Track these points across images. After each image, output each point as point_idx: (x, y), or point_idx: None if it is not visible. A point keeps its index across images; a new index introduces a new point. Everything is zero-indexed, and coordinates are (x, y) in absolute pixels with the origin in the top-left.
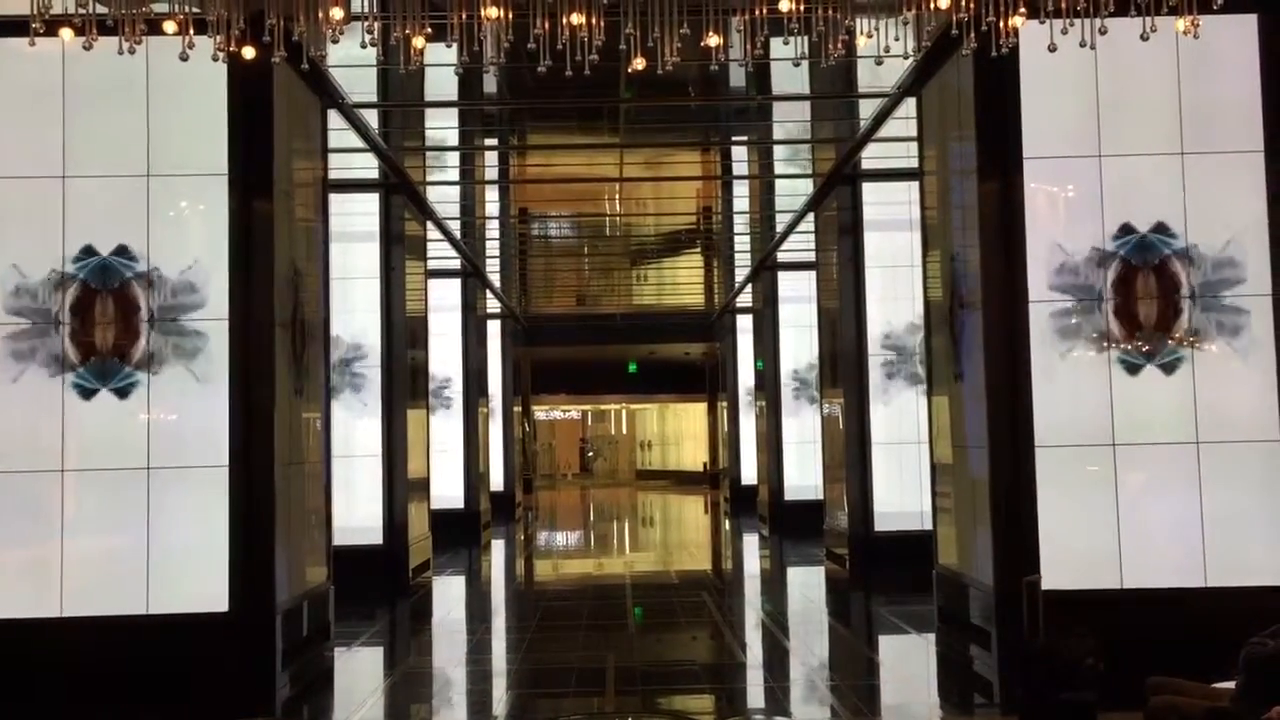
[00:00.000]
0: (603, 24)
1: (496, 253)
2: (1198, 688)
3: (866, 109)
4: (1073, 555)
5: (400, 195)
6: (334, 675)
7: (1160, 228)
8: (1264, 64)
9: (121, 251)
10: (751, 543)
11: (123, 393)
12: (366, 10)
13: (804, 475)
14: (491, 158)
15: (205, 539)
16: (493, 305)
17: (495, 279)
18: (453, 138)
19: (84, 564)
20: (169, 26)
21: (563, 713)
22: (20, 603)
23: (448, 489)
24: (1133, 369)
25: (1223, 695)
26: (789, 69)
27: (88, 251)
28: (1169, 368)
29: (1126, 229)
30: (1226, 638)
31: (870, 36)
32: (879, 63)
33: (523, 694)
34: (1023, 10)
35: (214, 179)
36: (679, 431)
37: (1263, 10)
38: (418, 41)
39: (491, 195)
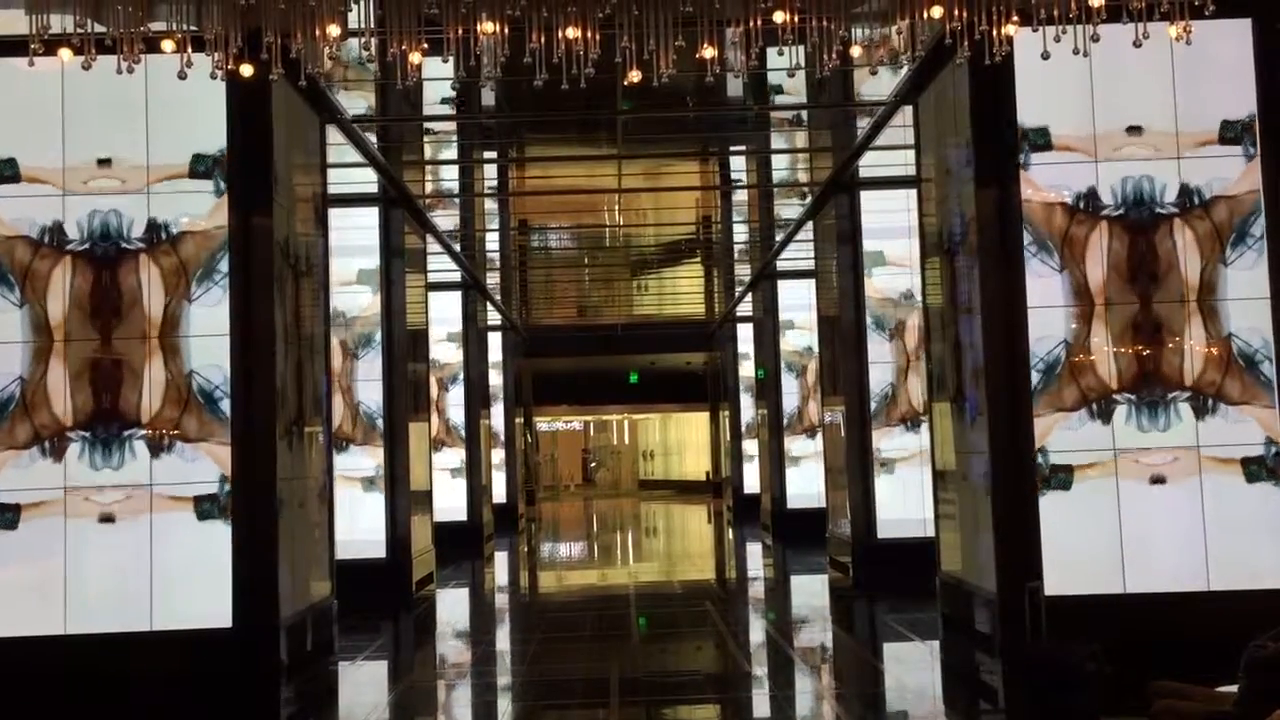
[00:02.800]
0: (598, 37)
1: (497, 265)
2: (1201, 691)
3: (863, 118)
4: (1075, 560)
5: (400, 209)
6: (338, 690)
7: None
8: (1259, 67)
9: None
10: (755, 551)
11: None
12: (363, 26)
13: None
14: (491, 170)
15: (208, 554)
16: (494, 318)
17: (496, 291)
18: (451, 151)
19: (88, 580)
20: (167, 45)
21: None
22: (25, 620)
23: (450, 501)
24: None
25: (1226, 699)
26: (785, 79)
27: None
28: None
29: None
30: (1229, 641)
31: (864, 47)
32: (874, 72)
33: (528, 706)
34: (1015, 19)
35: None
36: (681, 441)
37: (1257, 14)
38: (414, 57)
39: (491, 208)
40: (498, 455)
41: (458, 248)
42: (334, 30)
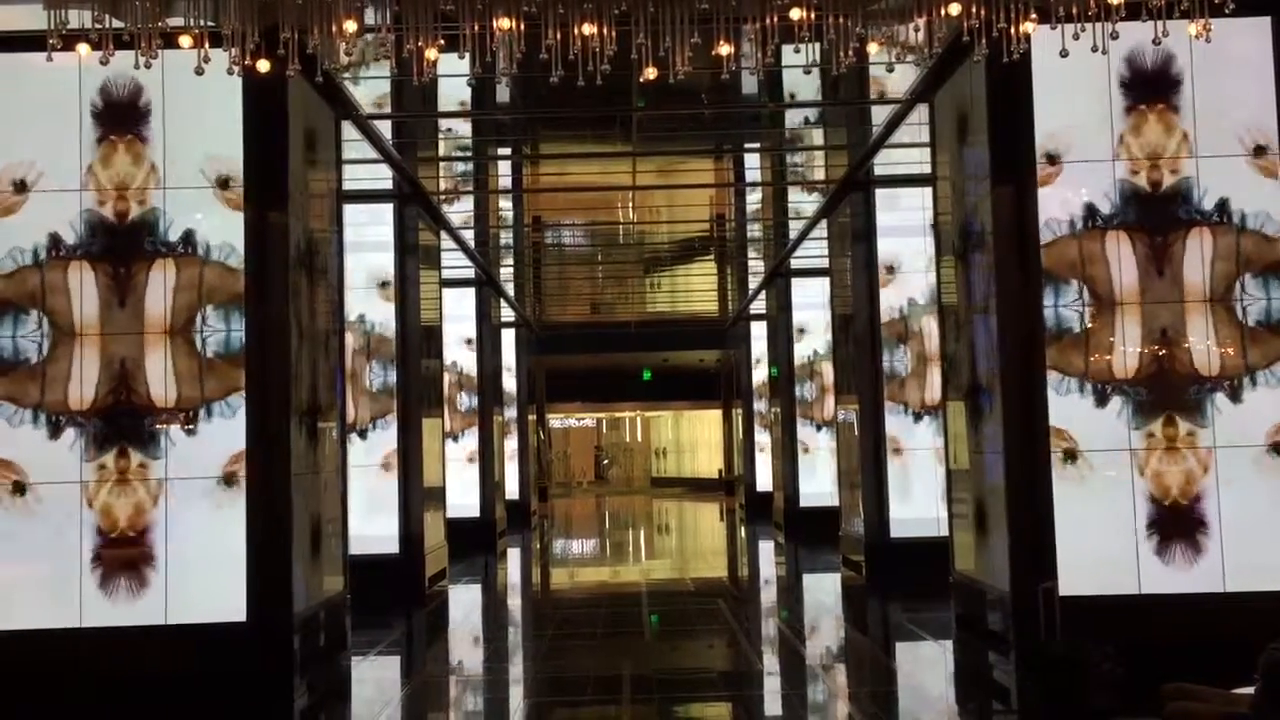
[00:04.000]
0: (614, 34)
1: (511, 262)
2: (1215, 694)
3: (879, 115)
4: (1090, 561)
5: (414, 205)
6: (351, 684)
7: None
8: (1278, 66)
9: None
10: (767, 550)
11: None
12: (380, 23)
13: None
14: (505, 167)
15: (223, 548)
16: (507, 315)
17: (510, 288)
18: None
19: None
20: (185, 41)
21: None
22: (40, 612)
23: (463, 498)
24: None
25: (1241, 701)
26: (801, 76)
27: None
28: None
29: None
30: (1245, 643)
31: (881, 44)
32: (890, 69)
33: (540, 702)
34: (1034, 16)
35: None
36: (694, 439)
37: (1276, 13)
38: (431, 53)
39: (505, 204)
40: (511, 452)
41: (472, 244)
42: (351, 26)
